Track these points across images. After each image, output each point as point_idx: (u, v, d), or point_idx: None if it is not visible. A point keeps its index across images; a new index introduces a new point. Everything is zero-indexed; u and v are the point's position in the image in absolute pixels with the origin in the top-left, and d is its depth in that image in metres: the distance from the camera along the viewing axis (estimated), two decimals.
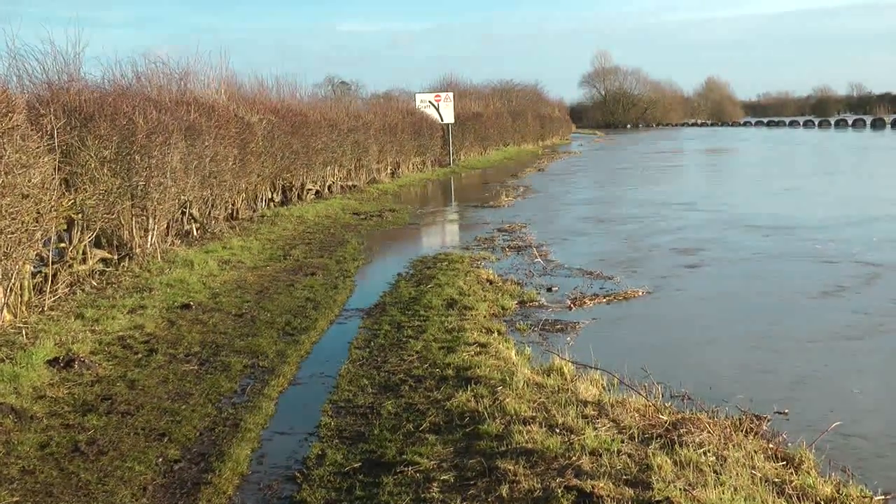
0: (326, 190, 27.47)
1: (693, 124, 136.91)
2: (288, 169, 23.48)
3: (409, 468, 5.96)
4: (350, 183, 29.81)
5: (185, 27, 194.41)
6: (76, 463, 6.31)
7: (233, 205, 19.72)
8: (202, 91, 20.40)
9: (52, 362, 8.43)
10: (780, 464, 6.02)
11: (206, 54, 22.34)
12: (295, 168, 24.01)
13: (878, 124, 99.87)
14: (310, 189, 25.82)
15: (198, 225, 17.27)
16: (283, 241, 17.34)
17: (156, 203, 14.06)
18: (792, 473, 5.85)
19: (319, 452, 6.50)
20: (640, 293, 12.07)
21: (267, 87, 27.07)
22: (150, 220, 14.10)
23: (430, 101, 42.80)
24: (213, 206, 17.98)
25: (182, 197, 15.70)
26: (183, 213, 16.56)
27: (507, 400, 7.03)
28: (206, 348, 9.46)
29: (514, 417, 6.65)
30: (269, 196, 22.82)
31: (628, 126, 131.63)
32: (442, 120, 42.50)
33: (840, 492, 5.58)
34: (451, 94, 44.45)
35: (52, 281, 11.06)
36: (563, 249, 16.29)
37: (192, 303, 11.39)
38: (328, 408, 7.56)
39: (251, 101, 22.95)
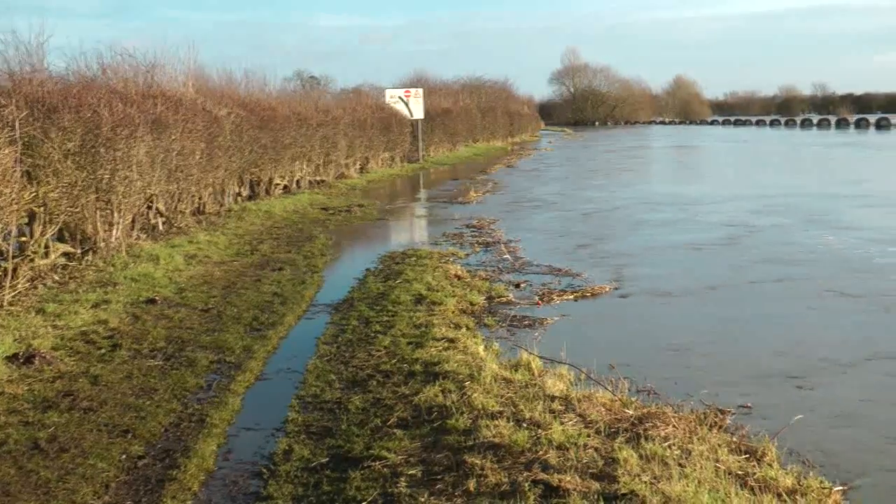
0: (295, 185, 27.33)
1: (661, 122, 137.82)
2: (256, 163, 23.32)
3: (377, 463, 5.92)
4: (318, 178, 29.66)
5: (155, 19, 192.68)
6: (35, 461, 6.20)
7: (200, 199, 19.56)
8: (170, 84, 20.18)
9: (12, 358, 8.30)
10: (744, 456, 6.06)
11: (175, 47, 22.26)
12: (263, 163, 23.85)
13: (842, 124, 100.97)
14: (278, 184, 25.67)
15: (164, 219, 17.12)
16: (250, 236, 17.23)
17: (121, 197, 13.91)
18: (755, 466, 5.89)
19: (286, 448, 6.44)
20: (607, 289, 12.11)
21: (236, 81, 26.88)
22: (115, 214, 13.95)
23: (399, 97, 42.70)
24: (179, 200, 17.82)
25: (148, 191, 15.54)
26: (149, 208, 16.39)
27: (475, 395, 7.01)
28: (171, 343, 9.36)
29: (482, 412, 6.63)
30: (237, 190, 22.67)
31: (597, 123, 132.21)
32: (411, 116, 42.44)
33: (801, 483, 5.63)
34: (420, 91, 44.37)
35: (11, 275, 10.87)
36: (532, 245, 16.29)
37: (157, 297, 11.28)
38: (295, 403, 7.51)
39: (219, 94, 22.76)
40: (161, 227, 16.87)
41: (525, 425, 6.35)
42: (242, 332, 9.91)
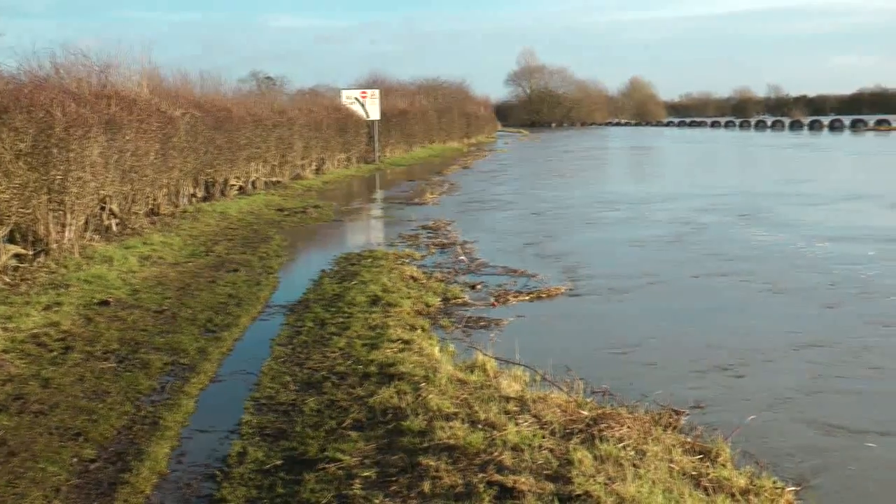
0: (250, 186, 27.18)
1: (617, 124, 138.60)
2: (211, 164, 23.18)
3: (331, 465, 5.91)
4: (274, 179, 29.53)
5: (109, 19, 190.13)
6: None
7: (154, 200, 19.38)
8: (124, 84, 20.00)
9: None
10: (698, 457, 6.11)
11: (129, 47, 22.07)
12: (218, 163, 23.71)
13: (795, 126, 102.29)
14: (233, 185, 25.52)
15: (118, 220, 16.95)
16: (205, 238, 17.11)
17: (74, 198, 13.77)
18: (708, 466, 5.94)
19: (240, 450, 6.41)
20: (563, 290, 12.17)
21: (191, 82, 26.78)
22: (68, 215, 13.81)
23: (356, 98, 42.61)
24: (133, 201, 17.65)
25: (101, 192, 15.41)
26: (102, 209, 16.23)
27: (430, 396, 7.02)
28: (124, 345, 9.27)
29: (437, 413, 6.64)
30: (192, 191, 22.49)
31: (553, 125, 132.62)
32: (368, 117, 42.36)
33: (754, 483, 5.70)
34: (377, 91, 44.27)
35: None
36: (488, 246, 16.34)
37: (110, 299, 11.18)
38: (250, 405, 7.47)
39: (174, 95, 22.61)
40: (115, 229, 16.71)
41: (480, 426, 6.36)
42: (197, 334, 9.85)
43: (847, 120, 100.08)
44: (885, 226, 18.54)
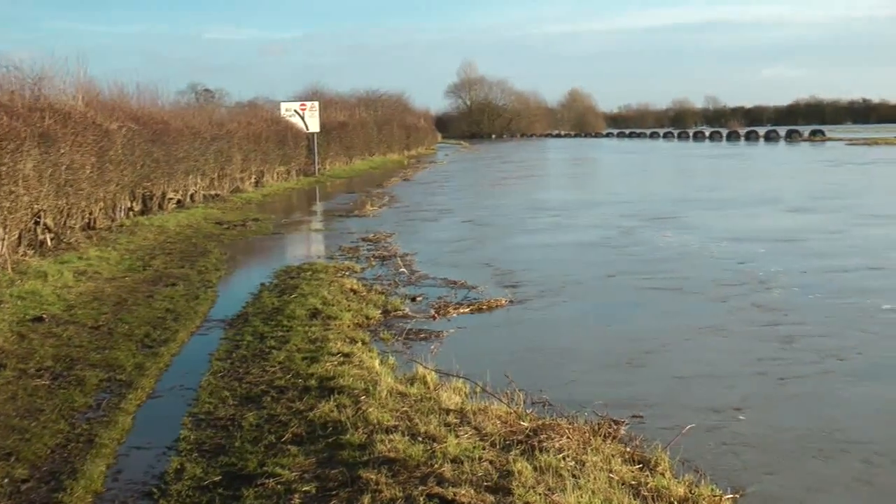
0: (188, 199, 26.92)
1: (557, 135, 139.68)
2: (148, 177, 22.92)
3: (270, 480, 5.87)
4: (213, 192, 29.30)
5: (44, 31, 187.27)
6: None
7: (90, 214, 19.11)
8: (58, 97, 19.69)
9: None
10: (637, 466, 6.15)
11: (64, 59, 21.66)
12: (156, 177, 23.46)
13: (732, 137, 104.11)
14: (171, 198, 25.26)
15: (52, 235, 16.67)
16: (142, 252, 16.91)
17: (6, 212, 13.53)
18: (648, 476, 5.98)
19: (178, 466, 6.33)
20: (503, 302, 12.21)
21: (127, 94, 26.34)
22: (1, 230, 13.55)
23: (295, 110, 42.47)
24: (68, 215, 17.39)
25: (35, 206, 15.14)
26: (36, 223, 15.95)
27: (370, 409, 7.00)
28: (59, 362, 9.12)
29: (377, 427, 6.63)
30: (129, 205, 22.20)
31: (493, 136, 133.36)
32: (307, 129, 42.22)
33: (693, 492, 5.75)
34: (316, 104, 44.16)
35: None
36: (428, 257, 16.36)
37: (45, 315, 10.99)
38: (188, 421, 7.38)
39: (111, 107, 22.26)
40: (49, 243, 16.42)
41: (420, 439, 6.37)
42: (134, 350, 9.71)
43: (783, 131, 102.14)
44: (778, 227, 20.27)
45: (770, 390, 8.23)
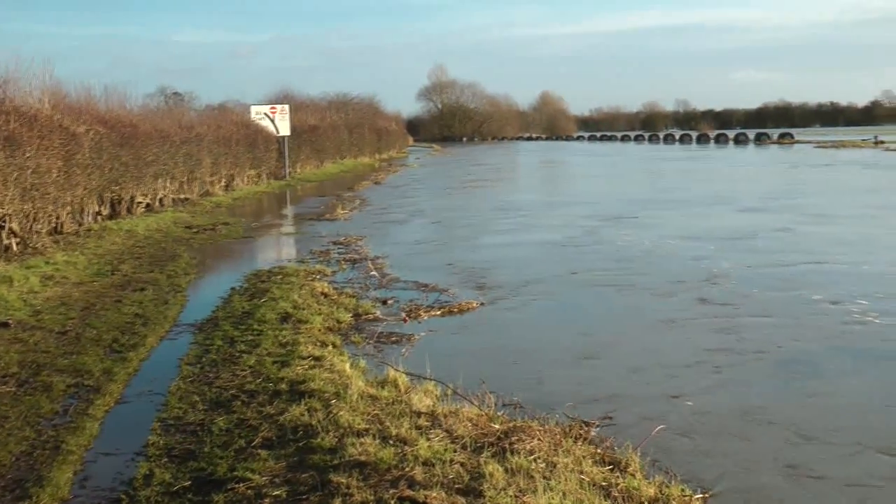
0: (158, 203, 26.76)
1: (528, 138, 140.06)
2: (117, 181, 22.78)
3: (241, 485, 5.82)
4: (182, 196, 29.13)
5: (8, 32, 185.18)
6: None
7: (57, 218, 18.95)
8: (24, 100, 19.50)
9: None
10: (608, 468, 6.16)
11: (29, 61, 21.45)
12: (124, 181, 23.32)
13: (702, 139, 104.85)
14: (140, 202, 25.09)
15: (18, 240, 16.50)
16: (111, 256, 16.76)
17: None
18: (618, 477, 5.99)
19: (147, 472, 6.27)
20: (475, 305, 12.20)
21: (95, 97, 26.15)
22: None
23: (265, 114, 42.31)
24: (35, 219, 17.22)
25: (0, 210, 14.98)
26: (1, 228, 15.80)
27: (341, 413, 6.97)
28: (25, 368, 9.01)
29: (348, 430, 6.60)
30: (97, 209, 22.03)
31: (464, 139, 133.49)
32: (278, 132, 42.08)
33: (663, 492, 5.77)
34: (286, 107, 44.05)
35: None
36: (399, 260, 16.33)
37: (10, 321, 10.87)
38: (157, 426, 7.31)
39: (78, 110, 22.10)
40: (15, 248, 16.26)
41: (391, 442, 6.34)
42: (102, 355, 9.62)
43: (752, 133, 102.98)
44: (729, 226, 21.03)
45: (710, 379, 8.69)
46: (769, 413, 7.59)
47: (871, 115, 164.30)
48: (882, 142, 73.94)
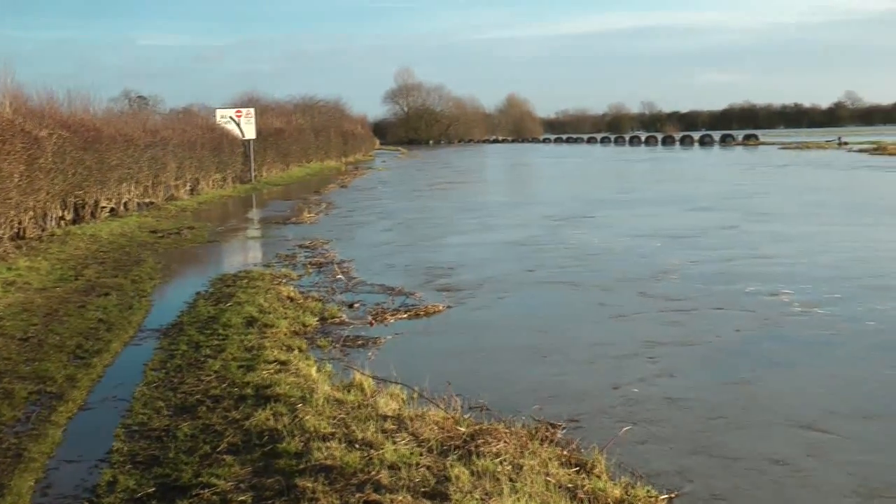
0: (122, 207, 26.55)
1: (494, 140, 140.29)
2: (80, 186, 22.56)
3: (206, 491, 5.79)
4: (147, 200, 28.93)
5: None
6: None
7: (19, 223, 18.75)
8: None
9: None
10: (574, 469, 6.19)
11: None
12: (88, 185, 23.11)
13: (668, 141, 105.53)
14: (104, 206, 24.88)
15: None
16: (74, 261, 16.62)
17: None
18: (584, 478, 6.02)
19: (111, 479, 6.22)
20: (441, 308, 12.21)
21: (58, 101, 25.88)
22: None
23: (230, 117, 42.08)
24: None
25: None
26: None
27: (307, 417, 6.95)
28: None
29: (314, 434, 6.58)
30: (60, 214, 21.83)
31: (431, 142, 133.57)
32: (243, 136, 41.86)
33: (629, 493, 5.80)
34: (252, 110, 43.84)
35: None
36: (365, 264, 16.30)
37: None
38: (121, 432, 7.25)
39: (40, 114, 21.87)
40: None
41: (357, 446, 6.33)
42: (65, 361, 9.53)
43: (717, 135, 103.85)
44: (675, 225, 22.00)
45: (652, 369, 9.15)
46: (693, 399, 8.11)
47: (834, 117, 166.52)
48: (845, 143, 75.04)
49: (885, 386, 8.48)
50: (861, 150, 64.83)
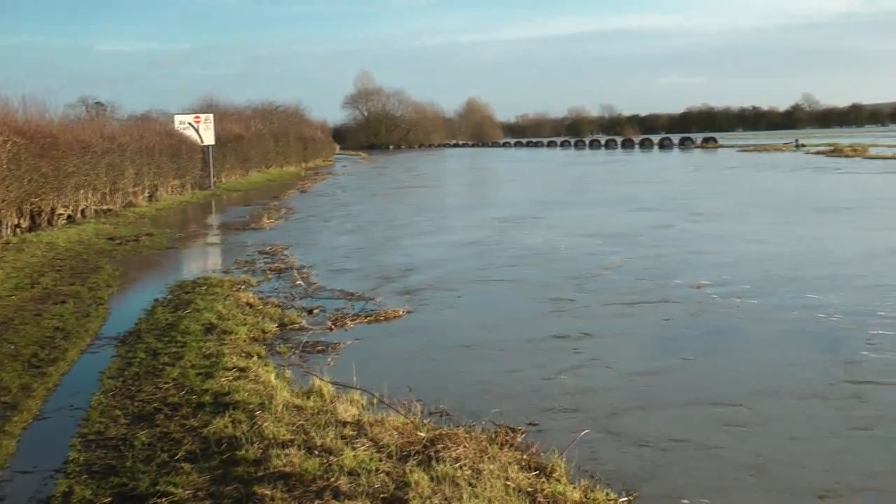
0: (79, 214, 26.29)
1: (455, 145, 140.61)
2: (36, 193, 22.33)
3: (163, 499, 5.74)
4: (105, 207, 28.66)
5: None
6: None
7: None
8: None
9: None
10: (534, 473, 6.20)
11: None
12: (44, 192, 22.87)
13: (627, 145, 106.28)
14: (61, 214, 24.63)
15: None
16: (30, 269, 16.42)
17: None
18: (544, 482, 6.03)
19: (66, 490, 6.15)
20: (401, 313, 12.20)
21: (13, 107, 25.58)
22: None
23: (189, 123, 41.84)
24: None
25: None
26: None
27: (266, 424, 6.92)
28: None
29: (273, 441, 6.55)
30: (16, 222, 21.59)
31: (391, 147, 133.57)
32: (202, 142, 41.61)
33: (588, 496, 5.83)
34: (211, 116, 43.61)
35: None
36: (325, 270, 16.27)
37: None
38: (77, 442, 7.17)
39: None
40: None
41: (317, 453, 6.31)
42: (20, 370, 9.41)
43: (676, 138, 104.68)
44: (617, 224, 23.04)
45: (581, 359, 9.73)
46: (611, 387, 8.71)
47: (792, 119, 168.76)
48: (803, 145, 76.21)
49: (791, 366, 9.25)
50: (818, 153, 65.80)
